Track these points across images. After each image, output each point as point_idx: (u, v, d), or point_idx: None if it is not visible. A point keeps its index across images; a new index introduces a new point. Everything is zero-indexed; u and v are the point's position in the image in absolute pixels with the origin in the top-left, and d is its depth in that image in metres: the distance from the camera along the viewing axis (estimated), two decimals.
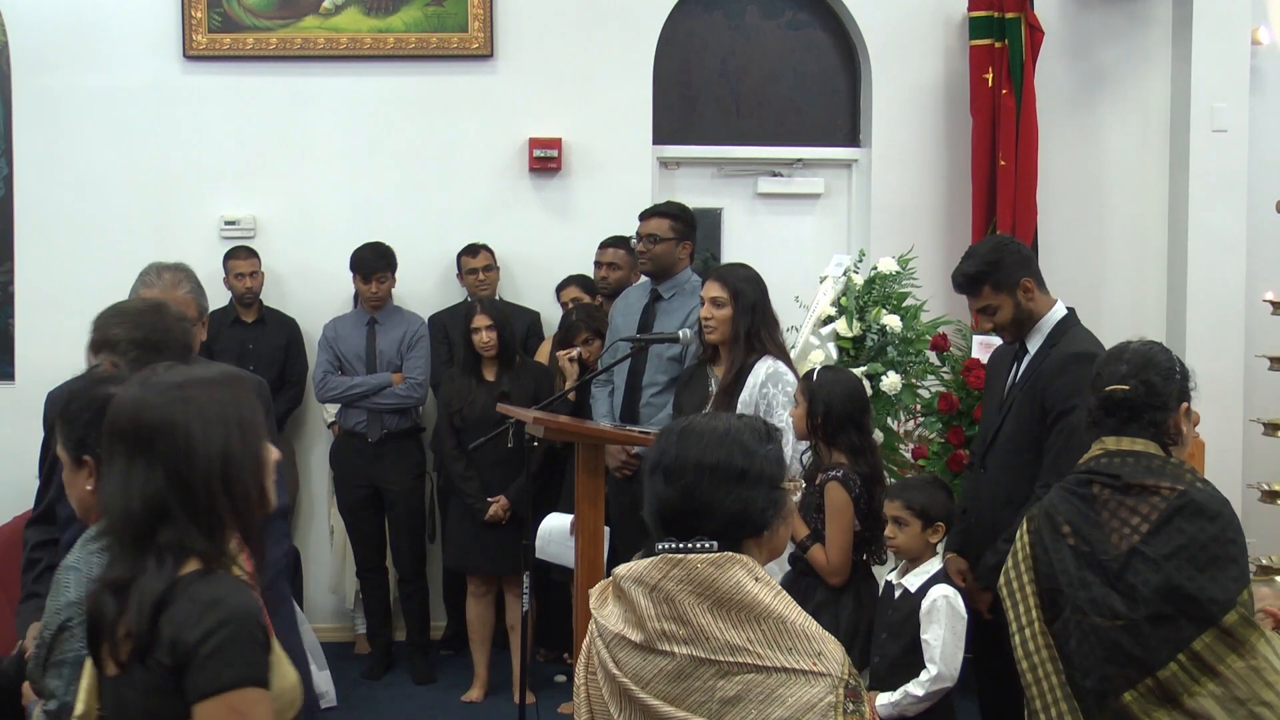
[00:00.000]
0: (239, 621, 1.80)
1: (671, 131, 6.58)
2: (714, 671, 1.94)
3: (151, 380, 1.93)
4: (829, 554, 3.68)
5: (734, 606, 1.96)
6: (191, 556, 1.85)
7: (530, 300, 6.26)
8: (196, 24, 6.23)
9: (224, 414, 1.91)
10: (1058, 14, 6.51)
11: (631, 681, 1.98)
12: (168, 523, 1.85)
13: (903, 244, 5.43)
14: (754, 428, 2.11)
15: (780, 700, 1.92)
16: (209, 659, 1.77)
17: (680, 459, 2.06)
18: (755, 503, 2.04)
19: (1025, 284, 3.73)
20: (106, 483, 1.90)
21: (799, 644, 1.96)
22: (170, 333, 2.83)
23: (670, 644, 1.96)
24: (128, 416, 1.89)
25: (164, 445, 1.86)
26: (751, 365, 4.08)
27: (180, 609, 1.80)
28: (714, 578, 1.97)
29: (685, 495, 2.04)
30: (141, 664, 1.81)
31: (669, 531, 2.06)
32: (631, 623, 2.00)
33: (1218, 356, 6.34)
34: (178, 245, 6.26)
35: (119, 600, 1.84)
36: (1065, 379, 3.59)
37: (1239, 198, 6.42)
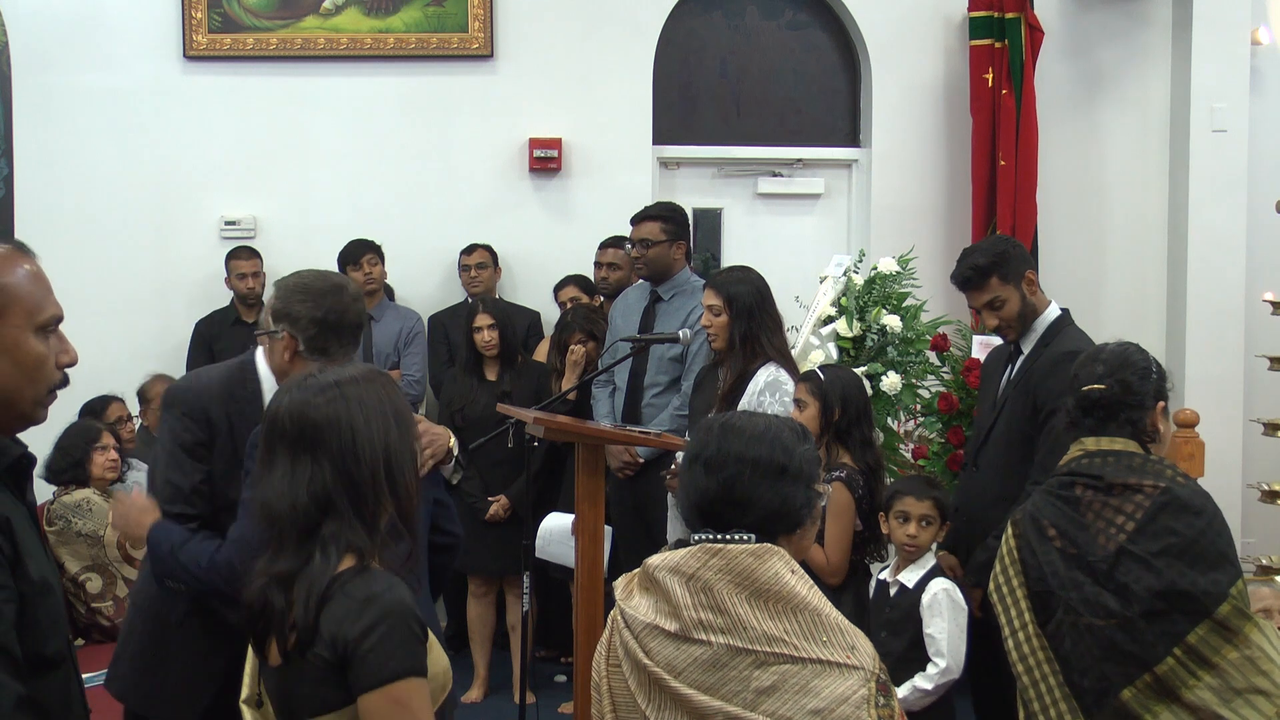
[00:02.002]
0: (395, 616, 1.87)
1: (671, 131, 6.58)
2: (750, 661, 1.96)
3: (309, 383, 2.01)
4: (828, 554, 3.69)
5: (772, 598, 1.99)
6: (348, 552, 1.92)
7: (530, 300, 6.26)
8: (196, 24, 6.23)
9: (382, 408, 1.99)
10: (1058, 14, 6.51)
11: (664, 671, 1.99)
12: (332, 516, 1.93)
13: (903, 244, 5.43)
14: (792, 426, 2.17)
15: (815, 692, 1.94)
16: (369, 654, 1.85)
17: (722, 452, 2.09)
18: (794, 499, 2.08)
19: (1029, 276, 3.76)
20: (269, 482, 1.96)
21: (833, 637, 1.99)
22: (347, 313, 2.87)
23: (707, 633, 1.97)
24: (292, 417, 1.96)
25: (331, 442, 1.94)
26: (753, 372, 4.08)
27: (339, 605, 1.87)
28: (753, 568, 2.00)
29: (726, 487, 2.07)
30: (302, 657, 1.89)
31: (706, 523, 2.09)
32: (665, 612, 2.01)
33: (1218, 356, 6.35)
34: (178, 245, 6.29)
35: (286, 593, 1.91)
36: (1056, 378, 3.59)
37: (1239, 198, 6.42)
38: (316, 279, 2.94)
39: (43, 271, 1.95)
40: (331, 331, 2.84)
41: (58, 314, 1.95)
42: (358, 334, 2.93)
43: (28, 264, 1.93)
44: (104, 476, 4.73)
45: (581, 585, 3.59)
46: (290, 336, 2.84)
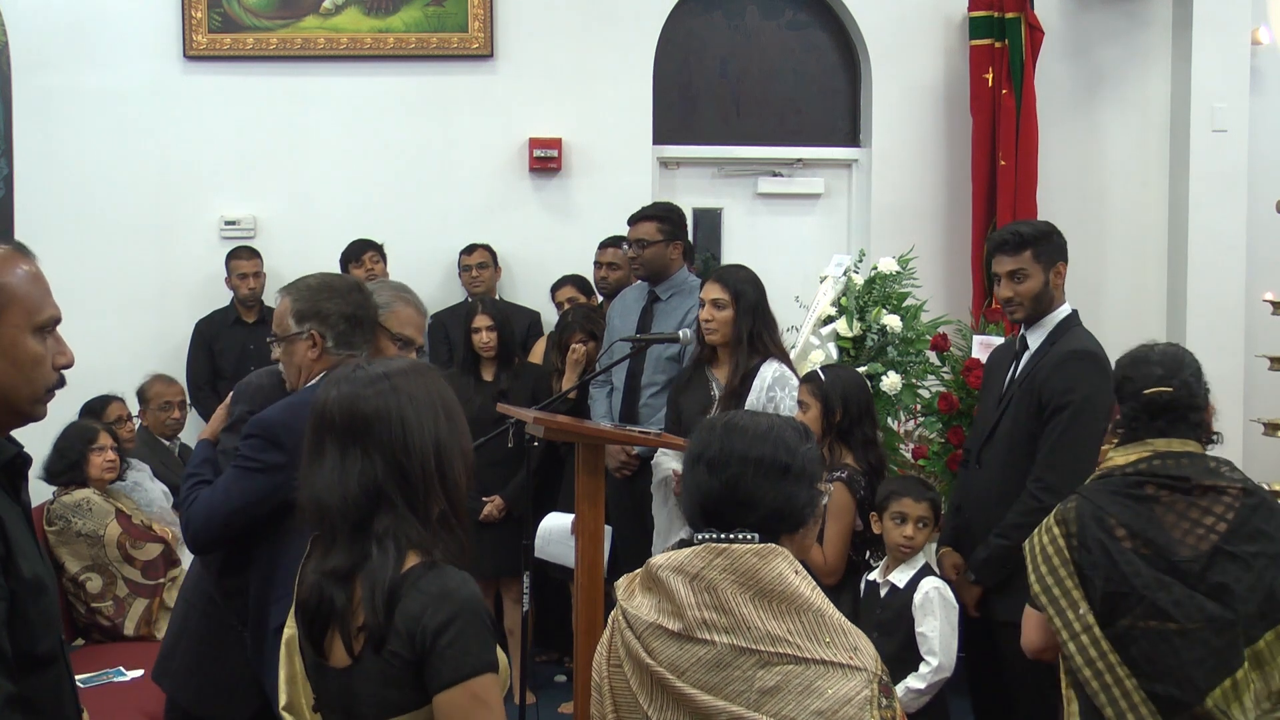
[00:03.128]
0: (472, 612, 1.87)
1: (671, 131, 6.58)
2: (754, 661, 1.96)
3: (357, 374, 1.98)
4: (826, 553, 3.69)
5: (776, 598, 1.99)
6: (410, 548, 1.89)
7: (530, 300, 6.25)
8: (196, 24, 6.23)
9: (431, 401, 1.98)
10: (1058, 14, 6.51)
11: (667, 671, 1.99)
12: (385, 510, 1.90)
13: (903, 244, 5.42)
14: (794, 426, 2.17)
15: (818, 692, 1.95)
16: (448, 650, 1.83)
17: (725, 452, 2.09)
18: (797, 499, 2.09)
19: (1059, 268, 3.76)
20: (318, 476, 1.94)
21: (836, 638, 1.99)
22: (368, 309, 3.02)
23: (710, 633, 1.98)
24: (341, 409, 1.94)
25: (381, 434, 1.91)
26: (757, 368, 4.08)
27: (414, 602, 1.85)
28: (758, 568, 2.00)
29: (729, 487, 2.07)
30: (376, 655, 1.86)
31: (709, 522, 2.09)
32: (668, 612, 2.02)
33: (1218, 356, 6.32)
34: (178, 245, 6.29)
35: (346, 590, 1.88)
36: (1062, 375, 3.60)
37: (1239, 198, 6.42)
38: (335, 279, 3.08)
39: (42, 272, 1.96)
40: (358, 327, 2.97)
41: (56, 315, 1.96)
42: (374, 329, 3.04)
43: (27, 264, 1.94)
44: (102, 477, 4.72)
45: (581, 585, 3.59)
46: (317, 335, 2.95)
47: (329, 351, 2.94)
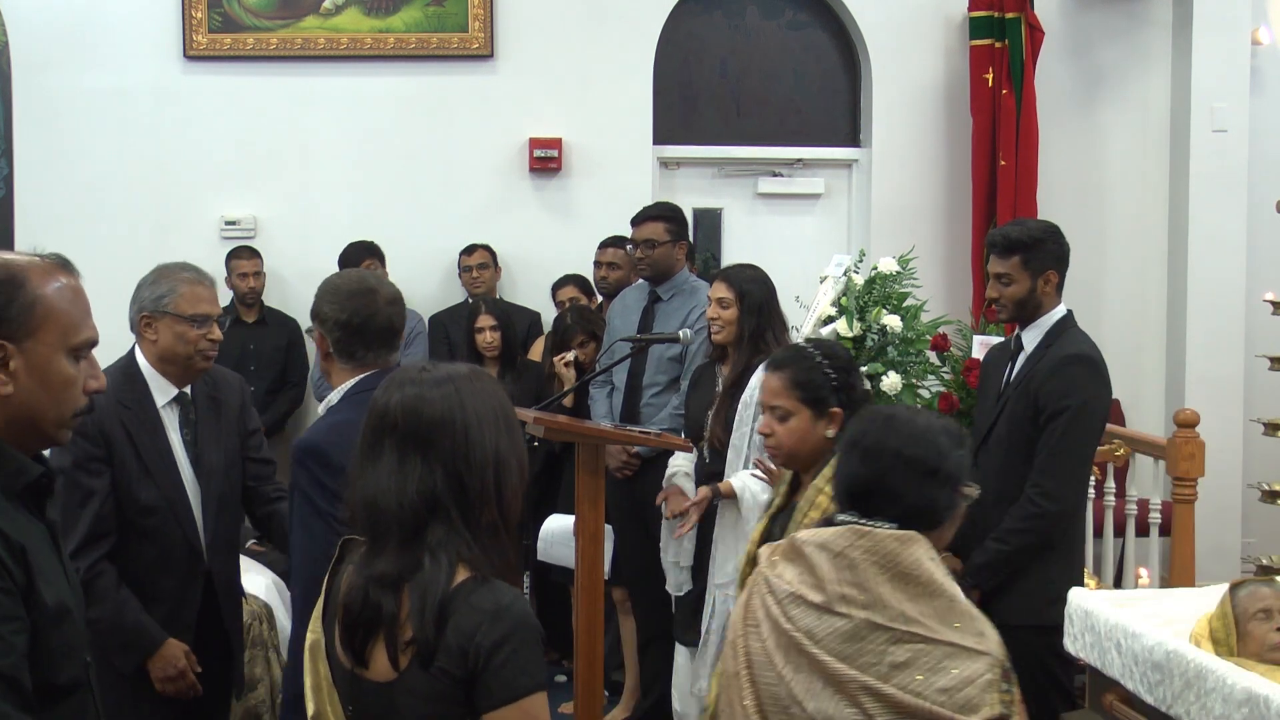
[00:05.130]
0: (526, 630, 1.82)
1: (671, 131, 6.58)
2: (887, 637, 2.08)
3: (423, 377, 1.92)
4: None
5: (911, 581, 2.11)
6: (462, 562, 1.83)
7: (530, 300, 6.26)
8: (196, 24, 6.23)
9: (494, 411, 1.92)
10: (1058, 14, 6.52)
11: (804, 637, 2.11)
12: (440, 519, 1.84)
13: (903, 244, 5.42)
14: (949, 430, 2.28)
15: (945, 671, 2.06)
16: (502, 668, 1.78)
17: (880, 444, 2.22)
18: (939, 501, 2.21)
19: (1050, 275, 3.73)
20: (374, 476, 1.87)
21: (965, 623, 2.12)
22: (375, 316, 2.81)
23: (848, 607, 2.10)
24: (405, 412, 1.88)
25: (444, 443, 1.86)
26: (756, 365, 4.09)
27: (467, 618, 1.79)
28: (897, 552, 2.12)
29: (877, 478, 2.20)
30: (424, 671, 1.80)
31: (853, 505, 2.22)
32: (810, 584, 2.15)
33: (1218, 356, 6.35)
34: (178, 245, 6.26)
35: (395, 598, 1.82)
36: (1060, 380, 3.59)
37: (1239, 198, 6.42)
38: (348, 280, 2.91)
39: (83, 291, 1.90)
40: (356, 335, 2.79)
41: (93, 338, 1.90)
42: (391, 338, 2.85)
43: (69, 281, 1.88)
44: None
45: (582, 586, 3.59)
46: (322, 336, 2.85)
47: (333, 357, 2.83)
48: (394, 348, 2.87)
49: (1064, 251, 3.79)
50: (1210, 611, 3.46)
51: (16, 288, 1.81)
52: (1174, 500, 4.98)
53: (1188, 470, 4.89)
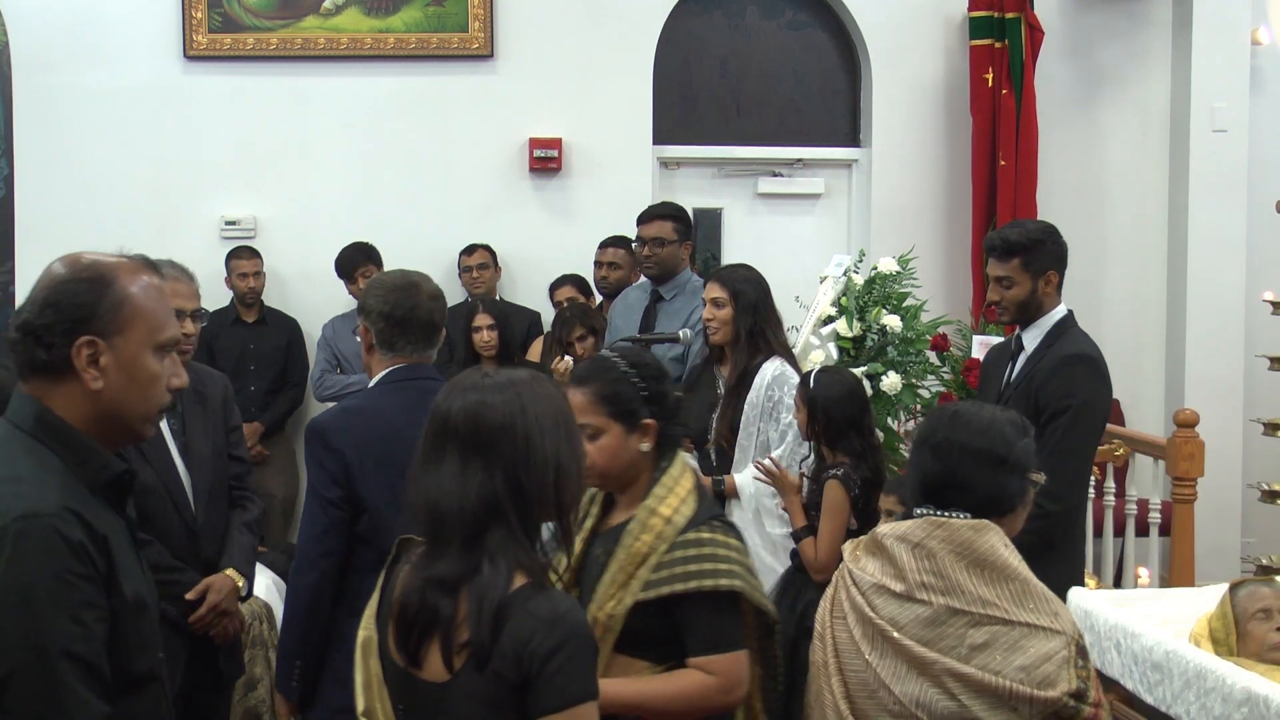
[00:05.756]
0: (581, 638, 1.84)
1: (671, 131, 6.58)
2: (966, 621, 2.20)
3: (484, 383, 1.95)
4: (819, 549, 3.68)
5: (987, 567, 2.24)
6: (519, 568, 1.85)
7: (530, 300, 6.25)
8: (197, 24, 6.23)
9: (555, 417, 1.94)
10: (1058, 14, 6.52)
11: (888, 625, 2.24)
12: (499, 524, 1.86)
13: (903, 244, 5.42)
14: (1014, 421, 2.38)
15: (1023, 650, 2.18)
16: (556, 675, 1.80)
17: (949, 440, 2.33)
18: (1009, 488, 2.32)
19: (1050, 276, 3.73)
20: (436, 479, 1.90)
21: (1040, 605, 2.23)
22: (417, 309, 2.95)
23: (929, 594, 2.23)
24: (466, 418, 1.90)
25: (505, 449, 1.88)
26: (758, 366, 4.08)
27: (523, 624, 1.81)
28: (973, 540, 2.25)
29: (949, 472, 2.31)
30: (478, 674, 1.82)
31: (928, 499, 2.34)
32: (891, 574, 2.27)
33: (1218, 356, 6.35)
34: (178, 245, 6.25)
35: (453, 601, 1.84)
36: (1060, 380, 3.59)
37: (1239, 198, 6.42)
38: (395, 276, 3.05)
39: (165, 290, 1.94)
40: (398, 327, 2.92)
41: (176, 336, 1.94)
42: (431, 333, 2.98)
43: (154, 280, 1.93)
44: None
45: None
46: (366, 328, 2.97)
47: (375, 348, 2.96)
48: (433, 343, 2.99)
49: (1063, 251, 3.79)
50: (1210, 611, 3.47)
51: (106, 286, 1.87)
52: (1174, 500, 4.99)
53: (1187, 470, 4.89)
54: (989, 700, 2.16)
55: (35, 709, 1.69)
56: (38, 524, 1.73)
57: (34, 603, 1.70)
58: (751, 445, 4.06)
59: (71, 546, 1.74)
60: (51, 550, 1.73)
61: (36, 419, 1.84)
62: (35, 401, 1.85)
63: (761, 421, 4.06)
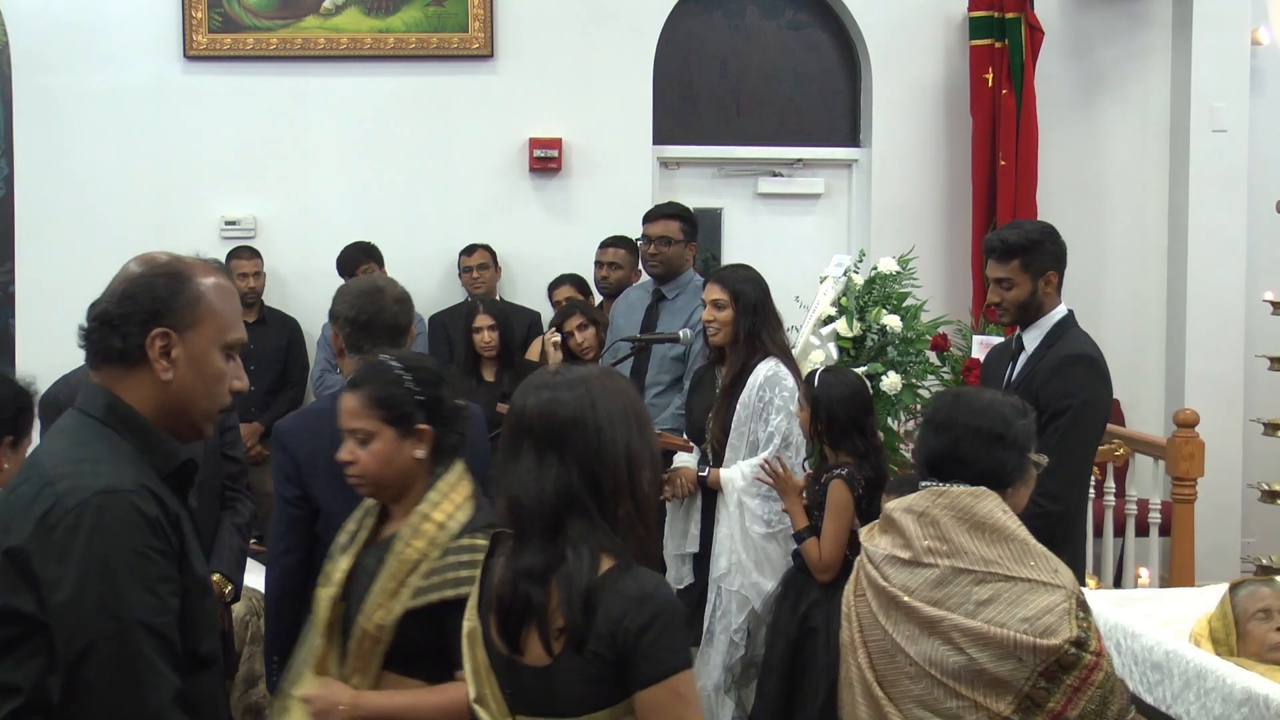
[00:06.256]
0: (670, 612, 1.95)
1: (671, 131, 6.58)
2: (970, 579, 2.35)
3: (555, 380, 2.04)
4: (823, 549, 3.68)
5: (987, 529, 2.39)
6: (604, 552, 1.96)
7: (530, 300, 6.25)
8: (197, 24, 6.23)
9: (624, 408, 2.03)
10: (1058, 14, 6.52)
11: (899, 590, 2.40)
12: (578, 514, 1.96)
13: (903, 244, 5.42)
14: (1014, 403, 2.54)
15: (1026, 603, 2.32)
16: (651, 649, 1.91)
17: (950, 418, 2.50)
18: (1006, 463, 2.47)
19: (1050, 276, 3.73)
20: (515, 475, 2.00)
21: (1040, 562, 2.38)
22: (381, 314, 3.07)
23: (934, 558, 2.39)
24: (540, 414, 2.00)
25: (577, 442, 1.98)
26: (753, 367, 4.08)
27: (615, 604, 1.92)
28: (972, 506, 2.41)
29: (950, 447, 2.47)
30: (577, 655, 1.92)
31: (932, 473, 2.50)
32: (900, 544, 2.44)
33: (1218, 356, 6.35)
34: (178, 245, 6.22)
35: (543, 589, 1.94)
36: (1061, 380, 3.59)
37: (1239, 198, 6.42)
38: (361, 282, 3.21)
39: (236, 294, 2.01)
40: (363, 331, 3.05)
41: (243, 339, 2.00)
42: (396, 335, 3.09)
43: (225, 282, 1.99)
44: None
45: None
46: (335, 334, 3.11)
47: (345, 352, 3.08)
48: (398, 345, 3.07)
49: (1062, 251, 3.80)
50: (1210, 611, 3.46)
51: (184, 282, 1.94)
52: (1174, 500, 4.99)
53: (1187, 470, 4.89)
54: (995, 651, 2.29)
55: (114, 678, 1.74)
56: (117, 499, 1.78)
57: (114, 575, 1.75)
58: (742, 445, 4.07)
59: (149, 521, 1.80)
60: (130, 525, 1.78)
61: (107, 407, 1.90)
62: (106, 391, 1.91)
63: (751, 422, 4.06)
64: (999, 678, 2.29)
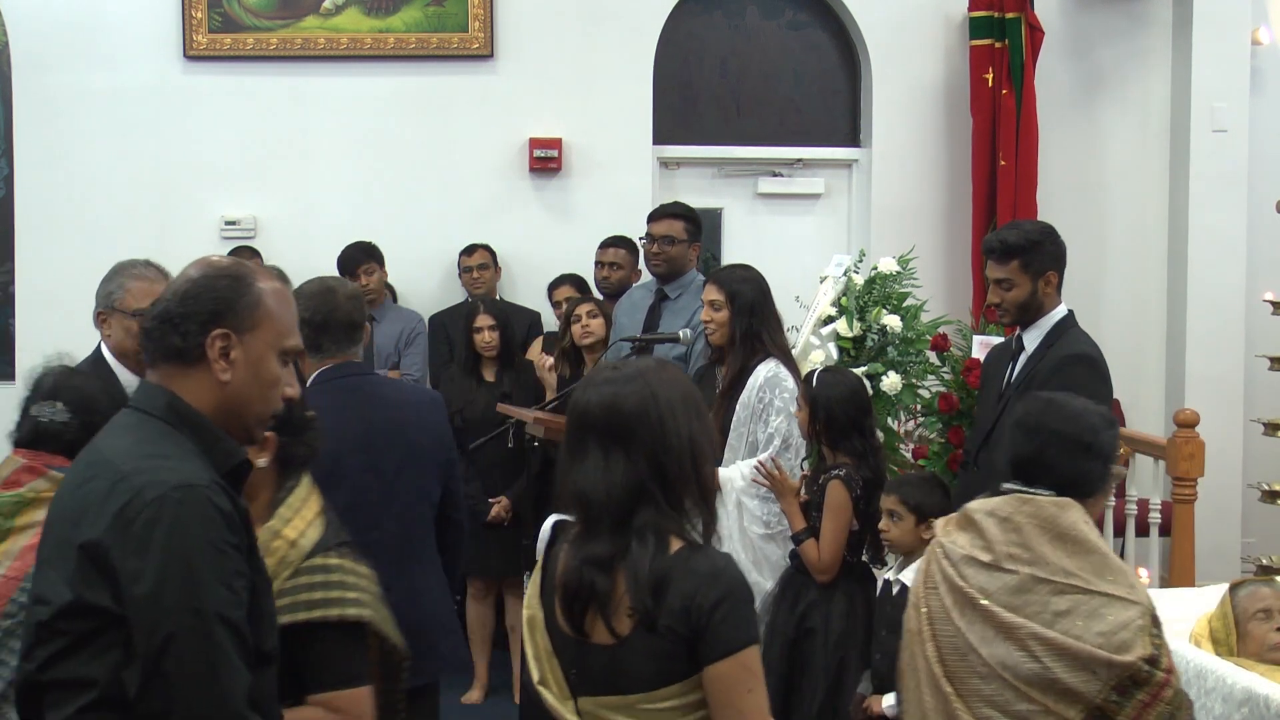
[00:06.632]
0: (740, 589, 2.03)
1: (671, 131, 6.58)
2: (1049, 589, 2.41)
3: (615, 375, 2.11)
4: (821, 550, 3.68)
5: (1069, 541, 2.44)
6: (672, 535, 2.03)
7: (530, 300, 6.25)
8: (197, 24, 6.23)
9: (684, 399, 2.10)
10: (1058, 14, 6.51)
11: (977, 592, 2.45)
12: (646, 504, 2.03)
13: (903, 244, 5.42)
14: (1103, 413, 2.61)
15: (1102, 617, 2.38)
16: (723, 624, 1.98)
17: (1040, 423, 2.56)
18: (1091, 473, 2.53)
19: (1050, 276, 3.73)
20: (582, 470, 2.06)
21: (1118, 577, 2.44)
22: (335, 312, 3.13)
23: (1014, 564, 2.44)
24: (604, 410, 2.06)
25: (643, 436, 2.04)
26: (753, 368, 4.08)
27: (688, 581, 1.99)
28: (1056, 516, 2.46)
29: (1038, 452, 2.53)
30: (650, 633, 1.99)
31: (1016, 476, 2.55)
32: (980, 546, 2.49)
33: (1218, 356, 6.35)
34: (178, 245, 6.26)
35: (609, 576, 2.01)
36: (1061, 380, 3.58)
37: (1239, 198, 6.42)
38: (313, 284, 3.22)
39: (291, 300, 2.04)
40: (320, 330, 3.10)
41: (299, 346, 2.04)
42: (353, 331, 3.16)
43: (284, 289, 2.02)
44: None
45: None
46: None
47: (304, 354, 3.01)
48: (356, 340, 3.17)
49: (1061, 251, 3.80)
50: (1210, 611, 3.46)
51: (245, 285, 1.96)
52: (1174, 500, 4.98)
53: (1188, 470, 4.89)
54: (1069, 662, 2.34)
55: (193, 671, 1.76)
56: (195, 493, 1.81)
57: (193, 568, 1.77)
58: (741, 445, 4.06)
59: (224, 516, 1.82)
60: (207, 519, 1.80)
61: (168, 405, 1.92)
62: (166, 390, 1.93)
63: (751, 423, 4.05)
64: (1071, 688, 2.34)
